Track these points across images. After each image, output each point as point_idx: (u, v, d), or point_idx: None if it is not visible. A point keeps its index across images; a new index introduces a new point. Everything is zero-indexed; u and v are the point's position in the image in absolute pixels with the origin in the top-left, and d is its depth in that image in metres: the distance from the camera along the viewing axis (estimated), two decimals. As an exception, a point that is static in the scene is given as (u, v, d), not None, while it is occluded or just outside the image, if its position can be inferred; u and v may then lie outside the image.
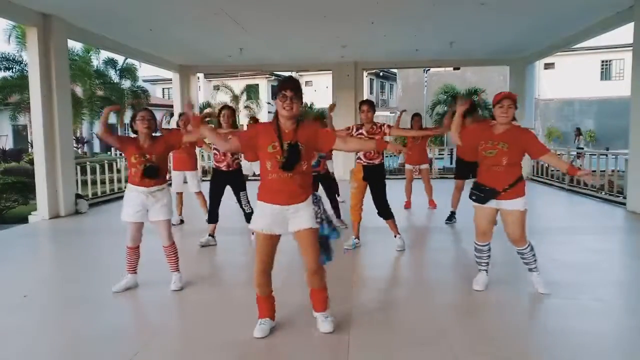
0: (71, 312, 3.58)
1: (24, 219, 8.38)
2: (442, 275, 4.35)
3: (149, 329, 3.34)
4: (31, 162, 12.58)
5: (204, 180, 8.29)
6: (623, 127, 9.20)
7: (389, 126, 4.92)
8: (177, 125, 6.70)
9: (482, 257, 3.81)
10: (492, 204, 3.60)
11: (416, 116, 7.65)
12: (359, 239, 5.22)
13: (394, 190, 7.86)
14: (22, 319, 3.44)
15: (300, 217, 2.83)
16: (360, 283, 4.27)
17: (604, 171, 9.45)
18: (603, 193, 8.87)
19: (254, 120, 8.37)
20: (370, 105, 4.91)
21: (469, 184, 4.18)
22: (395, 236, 5.12)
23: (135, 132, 3.80)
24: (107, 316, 3.57)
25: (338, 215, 6.26)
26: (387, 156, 15.94)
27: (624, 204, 7.73)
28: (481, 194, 3.58)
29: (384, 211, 5.01)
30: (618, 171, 9.09)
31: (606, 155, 9.95)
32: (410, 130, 4.73)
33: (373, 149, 2.96)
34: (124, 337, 3.18)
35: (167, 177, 4.05)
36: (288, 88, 2.78)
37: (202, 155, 12.04)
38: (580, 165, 12.33)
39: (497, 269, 4.38)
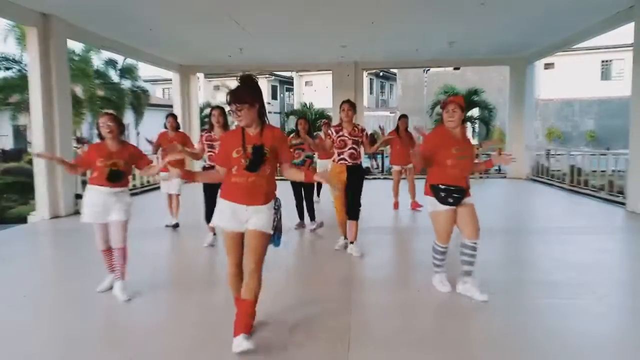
0: (71, 312, 3.59)
1: (23, 219, 8.38)
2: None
3: (149, 329, 3.34)
4: (31, 162, 12.58)
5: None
6: (623, 127, 9.22)
7: (367, 135, 5.03)
8: (165, 126, 6.60)
9: (443, 258, 3.81)
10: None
11: (403, 117, 7.74)
12: (347, 237, 5.16)
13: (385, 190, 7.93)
14: (22, 319, 3.44)
15: (258, 218, 2.83)
16: (361, 283, 4.27)
17: (604, 171, 9.46)
18: (603, 193, 8.87)
19: None
20: (351, 105, 4.98)
21: None
22: (351, 242, 5.05)
23: (101, 136, 3.81)
24: (107, 316, 3.58)
25: (312, 217, 6.26)
26: (387, 156, 15.98)
27: (624, 204, 7.73)
28: (458, 195, 3.58)
29: (356, 211, 5.01)
30: (618, 171, 9.09)
31: (606, 155, 9.97)
32: (369, 144, 5.02)
33: (302, 179, 2.93)
34: (124, 337, 3.18)
35: (130, 181, 4.01)
36: (233, 102, 2.76)
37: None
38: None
39: (496, 270, 4.38)
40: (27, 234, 6.87)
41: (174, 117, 6.72)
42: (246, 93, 2.78)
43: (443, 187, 3.59)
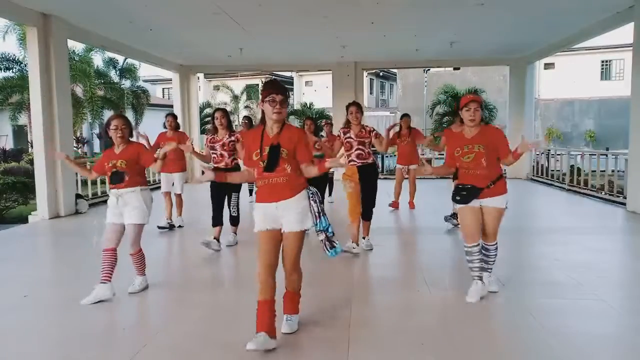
0: (71, 312, 3.58)
1: (24, 219, 8.39)
2: (443, 276, 4.35)
3: (149, 329, 3.34)
4: (31, 162, 12.59)
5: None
6: (623, 127, 9.23)
7: (376, 135, 4.97)
8: (164, 126, 6.59)
9: (474, 260, 3.65)
10: (476, 203, 3.57)
11: (405, 116, 7.74)
12: (357, 245, 5.02)
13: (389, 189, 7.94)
14: (22, 319, 3.44)
15: (288, 217, 2.85)
16: (361, 283, 4.28)
17: (604, 171, 9.46)
18: (603, 193, 8.87)
19: (247, 119, 8.36)
20: (358, 107, 4.96)
21: None
22: (364, 237, 5.16)
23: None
24: (107, 316, 3.58)
25: None
26: (387, 156, 15.99)
27: (624, 204, 7.73)
28: (464, 193, 3.56)
29: (369, 211, 5.03)
30: (618, 171, 9.09)
31: (606, 155, 9.97)
32: (383, 140, 5.01)
33: (317, 173, 2.91)
34: (124, 337, 3.18)
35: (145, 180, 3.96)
36: (278, 92, 2.79)
37: None
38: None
39: (497, 270, 4.38)
40: (27, 234, 6.87)
41: (174, 116, 6.69)
42: (287, 90, 2.86)
43: (456, 186, 3.67)
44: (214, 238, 5.30)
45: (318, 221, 2.90)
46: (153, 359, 2.84)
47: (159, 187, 7.07)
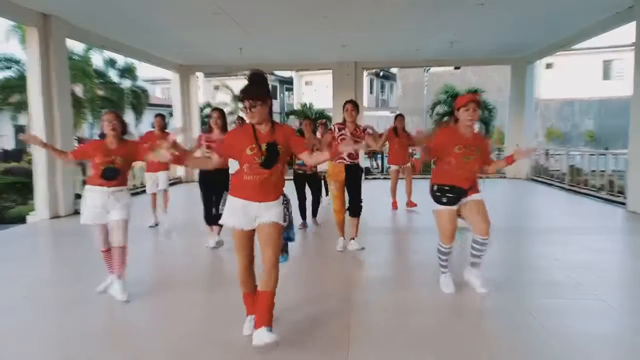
0: (71, 312, 3.58)
1: (23, 219, 8.38)
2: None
3: (149, 329, 3.34)
4: (31, 162, 12.57)
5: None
6: (623, 127, 9.22)
7: (368, 133, 4.99)
8: (152, 126, 6.68)
9: (447, 259, 3.80)
10: (455, 205, 3.62)
11: (399, 116, 7.81)
12: (345, 237, 5.21)
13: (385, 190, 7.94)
14: (22, 319, 3.44)
15: (269, 213, 2.85)
16: (361, 283, 4.28)
17: (604, 171, 9.46)
18: (603, 193, 8.87)
19: (241, 120, 8.36)
20: (355, 105, 5.01)
21: None
22: (352, 238, 5.14)
23: (101, 136, 3.81)
24: (107, 316, 3.58)
25: (314, 214, 6.39)
26: (386, 156, 15.99)
27: (624, 204, 7.73)
28: (453, 195, 3.55)
29: (357, 208, 5.07)
30: (618, 171, 9.10)
31: (605, 155, 9.97)
32: (376, 138, 5.03)
33: (328, 158, 2.99)
34: (124, 337, 3.18)
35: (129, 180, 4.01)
36: (250, 98, 2.77)
37: None
38: None
39: (497, 270, 4.38)
40: (27, 234, 6.87)
41: (162, 117, 6.76)
42: (260, 90, 2.81)
43: (437, 186, 3.62)
44: (217, 233, 5.39)
45: (290, 229, 2.97)
46: (153, 359, 2.84)
47: (142, 192, 7.17)
